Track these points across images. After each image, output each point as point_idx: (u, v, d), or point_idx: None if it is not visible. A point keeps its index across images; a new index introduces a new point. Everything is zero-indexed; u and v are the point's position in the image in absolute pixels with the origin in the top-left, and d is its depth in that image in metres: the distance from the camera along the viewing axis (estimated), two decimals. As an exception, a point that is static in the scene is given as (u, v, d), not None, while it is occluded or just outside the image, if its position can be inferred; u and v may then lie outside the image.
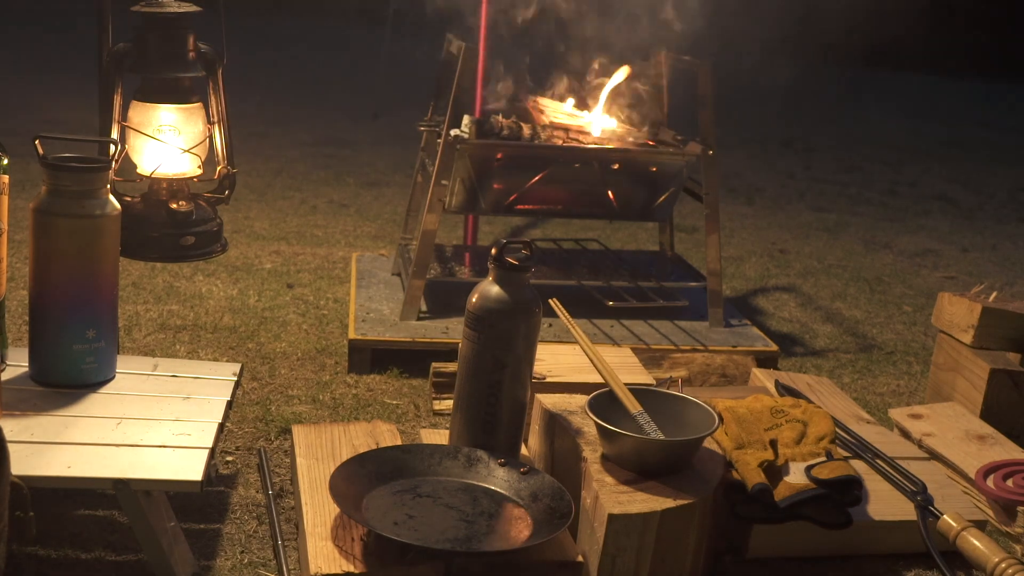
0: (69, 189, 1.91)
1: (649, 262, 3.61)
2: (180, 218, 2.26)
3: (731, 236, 4.82)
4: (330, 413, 2.61)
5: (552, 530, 1.76)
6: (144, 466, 1.74)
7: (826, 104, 10.44)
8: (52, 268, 1.93)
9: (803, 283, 4.18)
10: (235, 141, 2.37)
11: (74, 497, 2.06)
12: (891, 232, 5.23)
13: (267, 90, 7.90)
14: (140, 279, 3.49)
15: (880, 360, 3.35)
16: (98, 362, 1.99)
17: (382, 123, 7.23)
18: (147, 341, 2.99)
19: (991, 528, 2.20)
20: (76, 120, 5.66)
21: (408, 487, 1.90)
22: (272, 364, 2.89)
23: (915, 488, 2.14)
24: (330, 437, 2.16)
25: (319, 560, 1.70)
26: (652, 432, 1.98)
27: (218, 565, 1.91)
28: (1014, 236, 5.39)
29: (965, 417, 2.55)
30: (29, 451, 1.74)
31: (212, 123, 2.32)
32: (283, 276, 3.69)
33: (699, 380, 2.79)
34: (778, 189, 6.14)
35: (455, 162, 2.95)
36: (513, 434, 2.02)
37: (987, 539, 1.96)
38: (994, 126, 9.82)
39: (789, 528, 2.02)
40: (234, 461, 2.31)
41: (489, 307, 1.96)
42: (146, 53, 2.23)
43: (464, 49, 2.90)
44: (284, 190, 5.05)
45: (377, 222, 4.59)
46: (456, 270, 3.35)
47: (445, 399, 2.66)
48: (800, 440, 2.09)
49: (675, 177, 3.14)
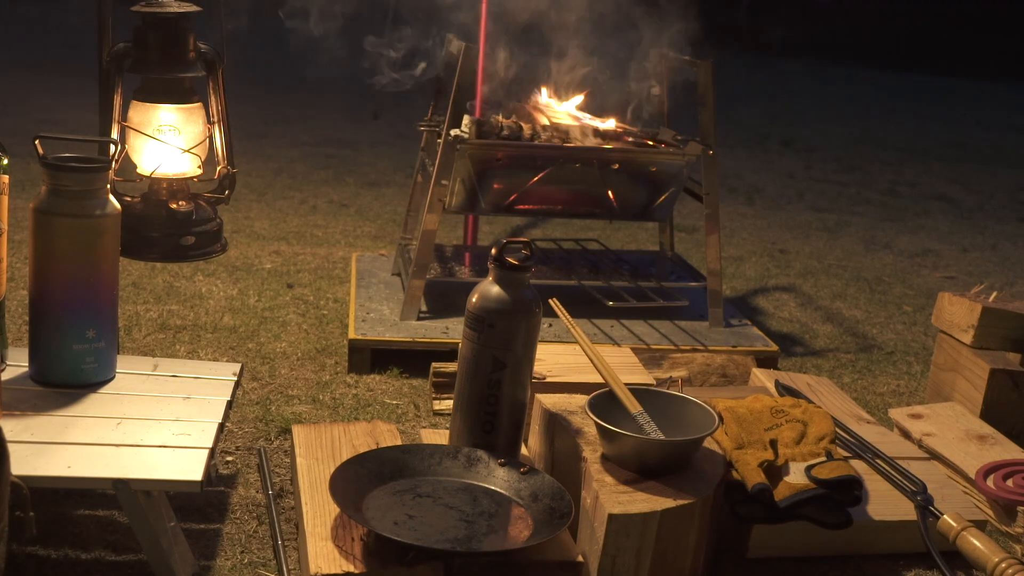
0: (69, 189, 1.91)
1: (649, 262, 3.61)
2: (180, 218, 2.26)
3: (731, 236, 4.82)
4: (330, 413, 2.61)
5: (552, 530, 1.76)
6: (144, 466, 1.74)
7: (826, 104, 10.44)
8: (52, 268, 1.93)
9: (803, 283, 4.18)
10: (235, 141, 2.37)
11: (74, 497, 2.06)
12: (891, 232, 5.23)
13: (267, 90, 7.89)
14: (140, 279, 3.49)
15: (880, 360, 3.35)
16: (98, 362, 1.99)
17: (382, 123, 7.23)
18: (147, 341, 2.99)
19: (991, 528, 2.20)
20: (76, 120, 5.65)
21: (408, 487, 1.90)
22: (272, 364, 2.89)
23: (915, 488, 2.14)
24: (330, 437, 2.16)
25: (319, 560, 1.70)
26: (652, 432, 1.98)
27: (218, 565, 1.91)
28: (1014, 236, 5.39)
29: (965, 417, 2.55)
30: (29, 451, 1.74)
31: (212, 123, 2.32)
32: (283, 276, 3.69)
33: (699, 380, 2.79)
34: (778, 189, 6.14)
35: (455, 162, 2.95)
36: (513, 434, 2.02)
37: (987, 539, 1.96)
38: (994, 126, 9.81)
39: (789, 528, 2.02)
40: (234, 461, 2.31)
41: (489, 307, 1.96)
42: (146, 53, 2.23)
43: (464, 49, 2.90)
44: (284, 190, 5.05)
45: (377, 222, 4.59)
46: (456, 270, 3.35)
47: (445, 399, 2.66)
48: (800, 440, 2.09)
49: (675, 177, 3.14)
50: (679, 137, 3.17)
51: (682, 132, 3.22)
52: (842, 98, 10.96)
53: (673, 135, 3.20)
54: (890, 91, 11.88)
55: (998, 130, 9.58)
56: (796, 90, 11.32)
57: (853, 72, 12.90)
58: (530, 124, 3.10)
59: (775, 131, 8.17)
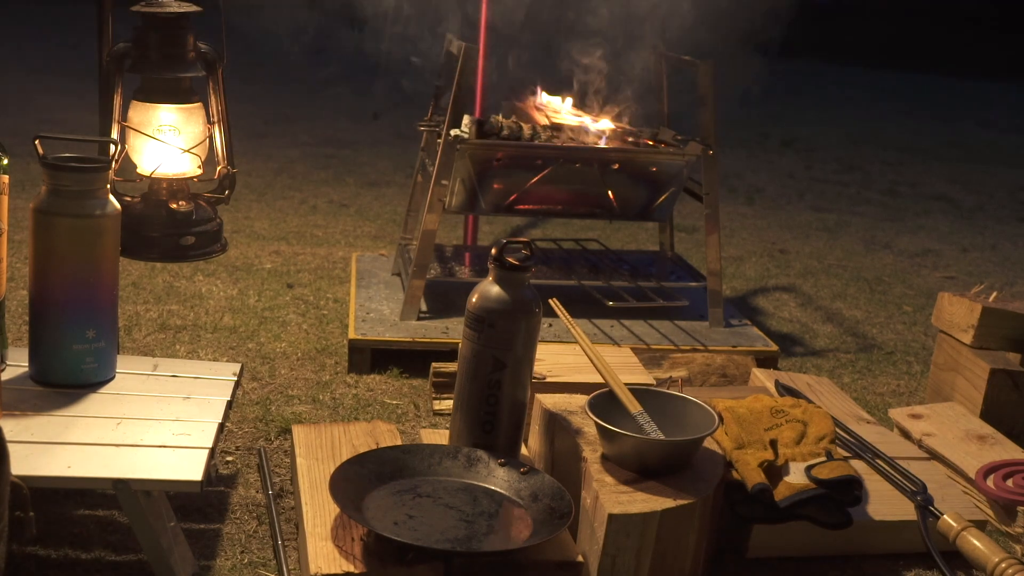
0: (69, 189, 1.91)
1: (649, 262, 3.61)
2: (180, 218, 2.26)
3: (731, 236, 4.82)
4: (330, 413, 2.61)
5: (552, 530, 1.76)
6: (144, 466, 1.74)
7: (826, 104, 10.43)
8: (52, 268, 1.93)
9: (803, 283, 4.18)
10: (235, 141, 2.37)
11: (74, 497, 2.06)
12: (891, 232, 5.23)
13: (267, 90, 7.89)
14: (140, 279, 3.49)
15: (880, 360, 3.35)
16: (98, 362, 1.99)
17: (382, 123, 7.23)
18: (147, 341, 2.99)
19: (991, 528, 2.20)
20: (76, 120, 5.65)
21: (408, 487, 1.90)
22: (272, 364, 2.89)
23: (915, 488, 2.14)
24: (330, 437, 2.16)
25: (319, 560, 1.70)
26: (652, 432, 1.98)
27: (218, 565, 1.91)
28: (1014, 236, 5.39)
29: (965, 417, 2.55)
30: (29, 451, 1.74)
31: (212, 123, 2.32)
32: (283, 276, 3.69)
33: (699, 380, 2.78)
34: (778, 189, 6.14)
35: (455, 162, 2.95)
36: (513, 434, 2.02)
37: (987, 539, 1.96)
38: (994, 126, 9.81)
39: (789, 528, 2.02)
40: (234, 461, 2.31)
41: (489, 307, 1.96)
42: (146, 53, 2.22)
43: (464, 49, 2.90)
44: (284, 190, 5.05)
45: (377, 222, 4.59)
46: (456, 270, 3.35)
47: (445, 399, 2.66)
48: (800, 440, 2.09)
49: (675, 177, 3.14)
50: (679, 137, 3.17)
51: (682, 132, 3.22)
52: (842, 98, 10.95)
53: (673, 135, 3.20)
54: (890, 91, 11.87)
55: (998, 130, 9.57)
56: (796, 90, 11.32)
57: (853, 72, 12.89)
58: (530, 124, 3.10)
59: (775, 131, 8.17)
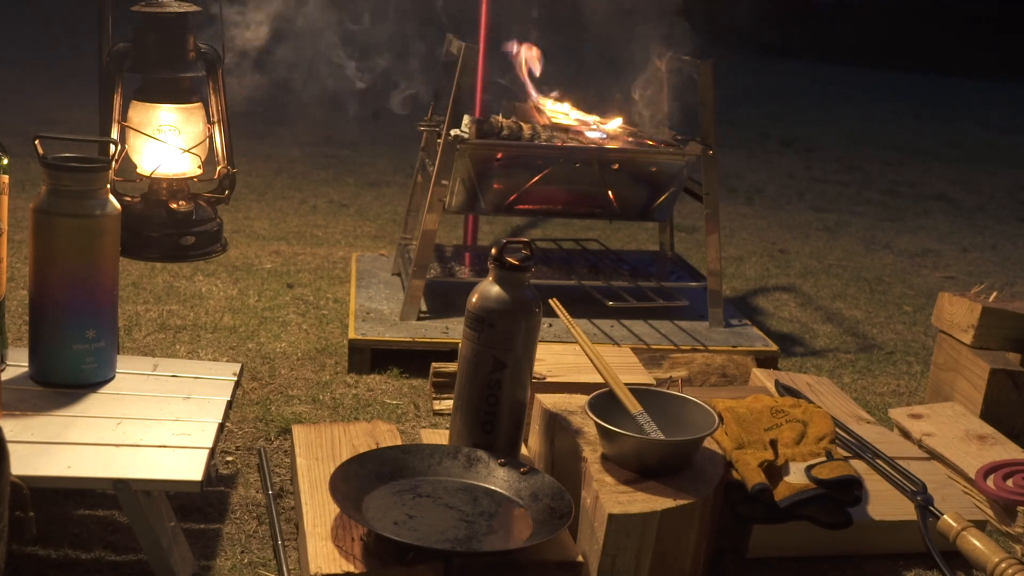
0: (69, 189, 1.91)
1: (649, 262, 3.61)
2: (180, 218, 2.26)
3: (731, 236, 4.82)
4: (330, 413, 2.61)
5: (552, 530, 1.76)
6: (144, 466, 1.74)
7: (826, 104, 10.43)
8: (52, 268, 1.93)
9: (803, 283, 4.18)
10: (235, 141, 2.37)
11: (74, 497, 2.06)
12: (891, 232, 5.23)
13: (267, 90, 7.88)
14: (140, 279, 3.49)
15: (880, 360, 3.35)
16: (98, 362, 1.99)
17: (382, 123, 7.22)
18: (147, 341, 2.99)
19: (991, 528, 2.20)
20: (76, 120, 5.66)
21: (408, 487, 1.90)
22: (272, 364, 2.89)
23: (915, 488, 2.13)
24: (330, 437, 2.16)
25: (319, 560, 1.70)
26: (652, 432, 1.98)
27: (218, 565, 1.91)
28: (1014, 236, 5.39)
29: (965, 417, 2.55)
30: (29, 451, 1.74)
31: (212, 123, 2.32)
32: (283, 276, 3.69)
33: (699, 380, 2.79)
34: (778, 189, 6.14)
35: (455, 162, 2.95)
36: (513, 434, 2.02)
37: (987, 539, 1.96)
38: (994, 126, 9.81)
39: (789, 528, 2.02)
40: (234, 461, 2.31)
41: (489, 307, 1.96)
42: (146, 53, 2.23)
43: (464, 49, 2.90)
44: (284, 190, 5.05)
45: (377, 222, 4.59)
46: (456, 270, 3.35)
47: (445, 399, 2.66)
48: (800, 440, 2.09)
49: (675, 177, 3.14)
50: (679, 137, 3.17)
51: (682, 132, 3.22)
52: (842, 98, 10.95)
53: (673, 135, 3.20)
54: (890, 91, 11.87)
55: (998, 130, 9.57)
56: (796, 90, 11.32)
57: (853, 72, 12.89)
58: (530, 124, 3.10)
59: (775, 131, 8.17)
